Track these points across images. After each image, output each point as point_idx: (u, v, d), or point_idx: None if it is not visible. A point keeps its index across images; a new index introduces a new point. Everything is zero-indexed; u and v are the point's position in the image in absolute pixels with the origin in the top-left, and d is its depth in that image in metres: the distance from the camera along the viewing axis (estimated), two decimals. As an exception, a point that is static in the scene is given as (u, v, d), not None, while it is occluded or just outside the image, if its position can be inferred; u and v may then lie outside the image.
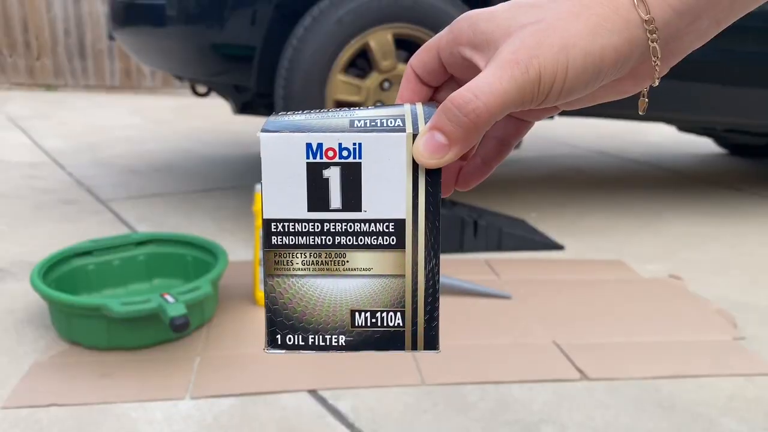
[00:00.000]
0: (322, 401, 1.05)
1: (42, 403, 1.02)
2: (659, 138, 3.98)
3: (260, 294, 1.39)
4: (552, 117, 0.36)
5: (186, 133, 3.62)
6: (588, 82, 0.33)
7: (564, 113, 2.16)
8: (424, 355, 1.19)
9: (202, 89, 2.37)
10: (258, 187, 1.41)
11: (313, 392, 1.08)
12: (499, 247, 1.82)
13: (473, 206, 2.01)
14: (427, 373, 1.14)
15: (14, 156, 2.85)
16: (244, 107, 2.15)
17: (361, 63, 1.84)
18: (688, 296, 1.53)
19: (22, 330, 1.26)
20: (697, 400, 1.09)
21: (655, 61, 0.34)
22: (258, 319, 1.33)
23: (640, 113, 0.38)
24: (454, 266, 1.65)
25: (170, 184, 2.45)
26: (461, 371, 1.15)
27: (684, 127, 3.11)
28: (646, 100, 0.39)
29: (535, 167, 3.00)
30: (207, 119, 4.09)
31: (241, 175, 2.65)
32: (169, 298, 1.14)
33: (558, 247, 1.86)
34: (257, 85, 1.86)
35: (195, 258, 1.44)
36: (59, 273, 1.33)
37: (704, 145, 3.74)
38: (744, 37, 1.98)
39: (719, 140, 3.49)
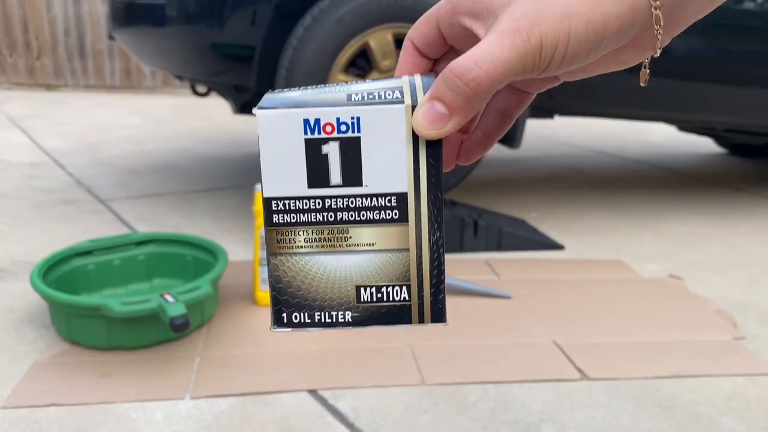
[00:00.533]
0: (322, 401, 1.05)
1: (42, 403, 1.02)
2: (660, 138, 3.98)
3: (260, 294, 1.39)
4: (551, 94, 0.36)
5: (186, 132, 3.62)
6: (590, 50, 0.33)
7: (564, 112, 2.16)
8: (424, 355, 1.19)
9: (202, 89, 2.37)
10: (258, 187, 1.41)
11: (313, 392, 1.08)
12: (499, 247, 1.81)
13: (473, 206, 2.01)
14: (427, 373, 1.14)
15: (14, 156, 2.85)
16: (244, 107, 2.15)
17: (361, 63, 1.84)
18: (688, 296, 1.53)
19: (22, 330, 1.26)
20: (697, 399, 1.09)
21: (657, 30, 0.33)
22: (258, 318, 1.33)
23: (642, 85, 0.38)
24: (454, 266, 1.65)
25: (170, 184, 2.45)
26: (461, 371, 1.15)
27: (684, 127, 3.11)
28: (648, 71, 0.38)
29: (535, 167, 3.00)
30: (207, 119, 4.09)
31: (241, 174, 2.65)
32: (169, 298, 1.14)
33: (558, 246, 1.86)
34: (257, 85, 1.86)
35: (195, 258, 1.44)
36: (59, 273, 1.33)
37: (704, 145, 3.74)
38: (744, 37, 1.98)
39: (719, 140, 3.49)
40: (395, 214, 0.34)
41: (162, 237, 1.48)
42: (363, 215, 0.35)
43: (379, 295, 0.35)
